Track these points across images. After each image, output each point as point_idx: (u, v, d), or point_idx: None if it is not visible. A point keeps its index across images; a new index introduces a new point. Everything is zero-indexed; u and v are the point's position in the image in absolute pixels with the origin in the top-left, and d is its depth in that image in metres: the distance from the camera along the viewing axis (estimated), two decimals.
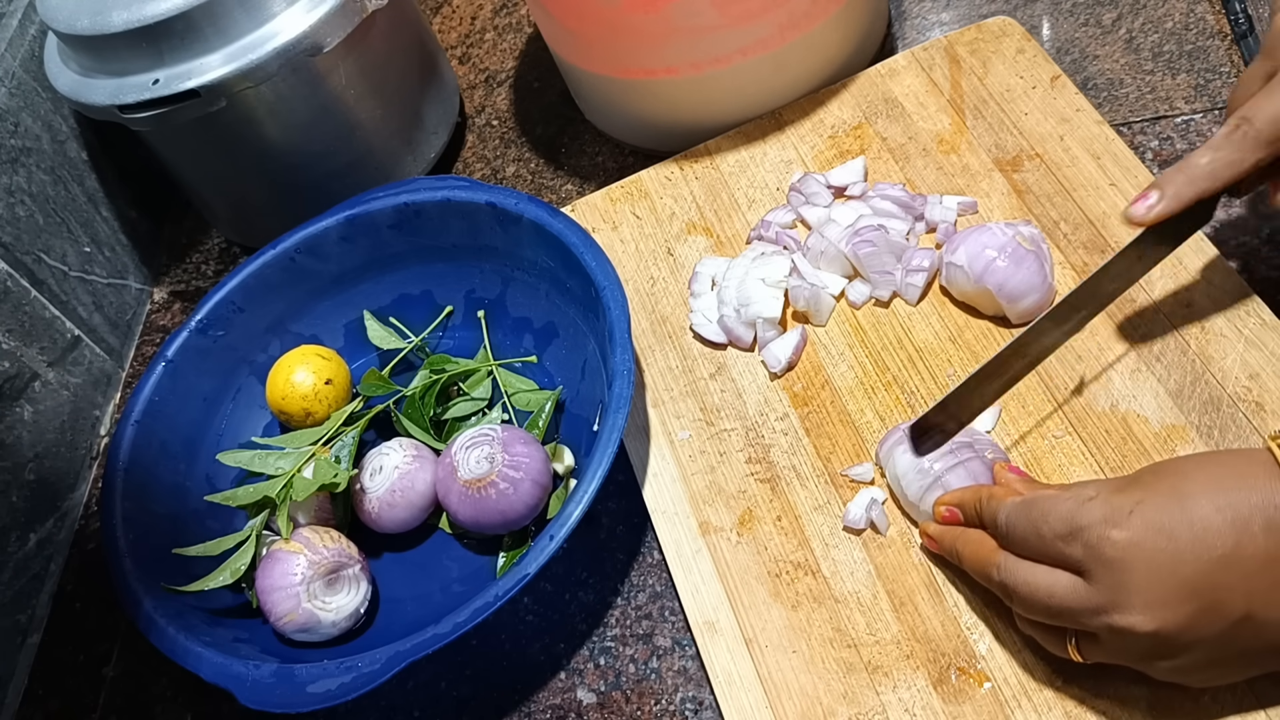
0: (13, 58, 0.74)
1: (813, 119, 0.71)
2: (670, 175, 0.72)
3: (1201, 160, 0.48)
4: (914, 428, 0.50)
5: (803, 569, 0.54)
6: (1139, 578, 0.41)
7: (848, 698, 0.49)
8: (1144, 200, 0.49)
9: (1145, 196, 0.49)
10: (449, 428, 0.64)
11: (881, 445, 0.55)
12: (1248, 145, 0.47)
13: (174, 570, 0.58)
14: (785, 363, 0.60)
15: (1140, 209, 0.49)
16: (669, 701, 0.53)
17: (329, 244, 0.68)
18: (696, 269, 0.66)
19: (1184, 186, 0.48)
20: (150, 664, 0.63)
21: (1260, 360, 0.53)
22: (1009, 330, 0.58)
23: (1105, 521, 0.42)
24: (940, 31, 0.76)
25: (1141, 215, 0.49)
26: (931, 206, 0.63)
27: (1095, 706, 0.46)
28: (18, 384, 0.69)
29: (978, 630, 0.50)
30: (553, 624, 0.58)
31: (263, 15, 0.65)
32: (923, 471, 0.52)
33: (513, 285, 0.67)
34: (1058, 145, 0.64)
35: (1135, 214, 0.49)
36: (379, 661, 0.50)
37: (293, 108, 0.71)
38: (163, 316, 0.83)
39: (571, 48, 0.72)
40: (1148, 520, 0.41)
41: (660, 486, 0.58)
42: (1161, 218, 0.49)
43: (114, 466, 0.61)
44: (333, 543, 0.57)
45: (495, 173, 0.81)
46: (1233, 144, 0.47)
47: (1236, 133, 0.47)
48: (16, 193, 0.72)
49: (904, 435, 0.51)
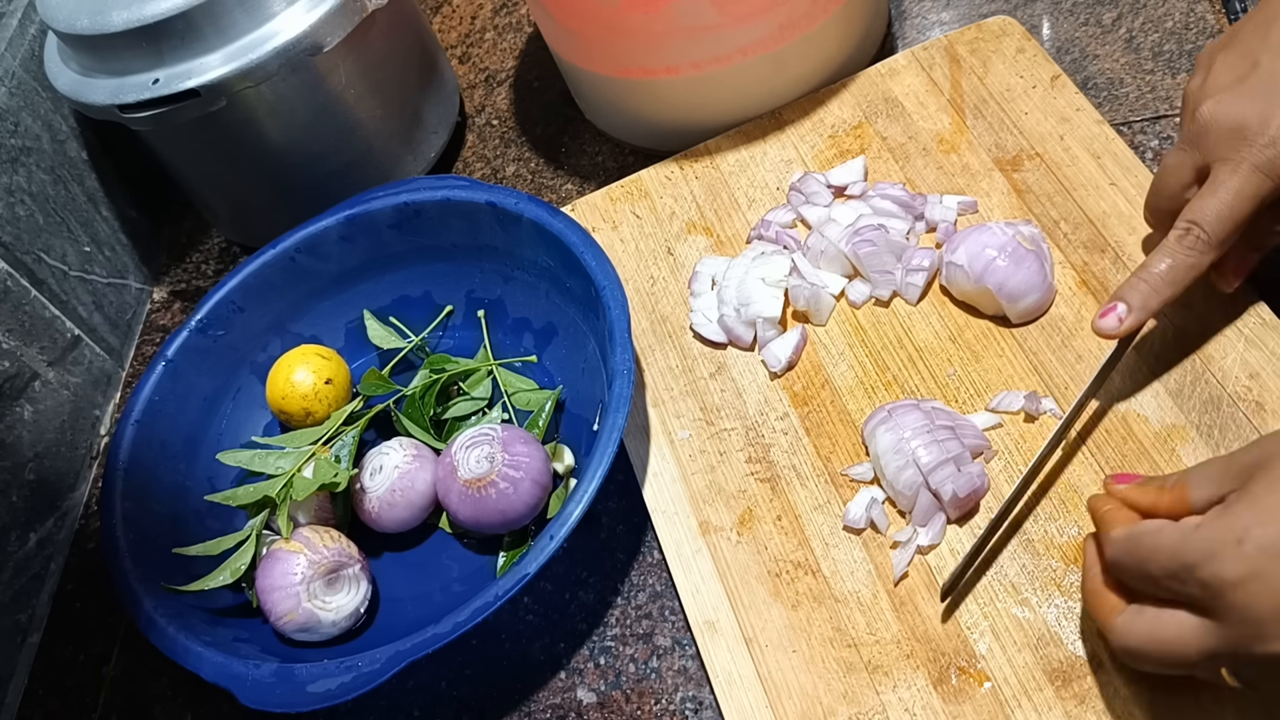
0: (13, 57, 0.74)
1: (813, 118, 0.71)
2: (670, 175, 0.72)
3: (1160, 269, 0.50)
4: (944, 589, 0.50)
5: (803, 568, 0.54)
6: (1267, 607, 0.37)
7: (848, 697, 0.49)
8: (1112, 313, 0.50)
9: (1113, 309, 0.50)
10: (449, 427, 0.64)
11: (866, 424, 0.55)
12: (1201, 249, 0.49)
13: (174, 570, 0.58)
14: (785, 362, 0.60)
15: (1110, 323, 0.50)
16: (669, 701, 0.53)
17: (329, 244, 0.68)
18: (696, 268, 0.66)
19: (1149, 297, 0.50)
20: (150, 664, 0.63)
21: (1260, 360, 0.53)
22: (1009, 330, 0.58)
23: (1215, 557, 0.38)
24: (940, 31, 0.76)
25: (1113, 329, 0.50)
26: (931, 206, 0.63)
27: (1095, 707, 0.46)
28: (18, 384, 0.69)
29: (978, 630, 0.50)
30: (553, 624, 0.58)
31: (263, 15, 0.65)
32: (900, 452, 0.52)
33: (513, 285, 0.67)
34: (1058, 145, 0.64)
35: (1106, 328, 0.51)
36: (379, 661, 0.50)
37: (293, 108, 0.71)
38: (163, 316, 0.83)
39: (571, 47, 0.72)
40: (1261, 546, 0.38)
41: (660, 486, 0.58)
42: (1131, 330, 0.51)
43: (114, 466, 0.61)
44: (333, 542, 0.57)
45: (495, 172, 0.81)
46: (1186, 249, 0.49)
47: (1188, 237, 0.49)
48: (16, 192, 0.72)
49: (889, 414, 0.53)
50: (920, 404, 0.55)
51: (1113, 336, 0.51)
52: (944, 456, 0.52)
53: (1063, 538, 0.51)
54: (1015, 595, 0.50)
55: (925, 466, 0.52)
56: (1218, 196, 0.48)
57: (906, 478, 0.52)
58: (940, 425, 0.53)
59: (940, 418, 0.54)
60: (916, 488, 0.52)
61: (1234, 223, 0.48)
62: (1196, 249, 0.49)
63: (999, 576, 0.51)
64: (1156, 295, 0.50)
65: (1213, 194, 0.48)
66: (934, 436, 0.52)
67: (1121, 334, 0.51)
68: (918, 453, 0.52)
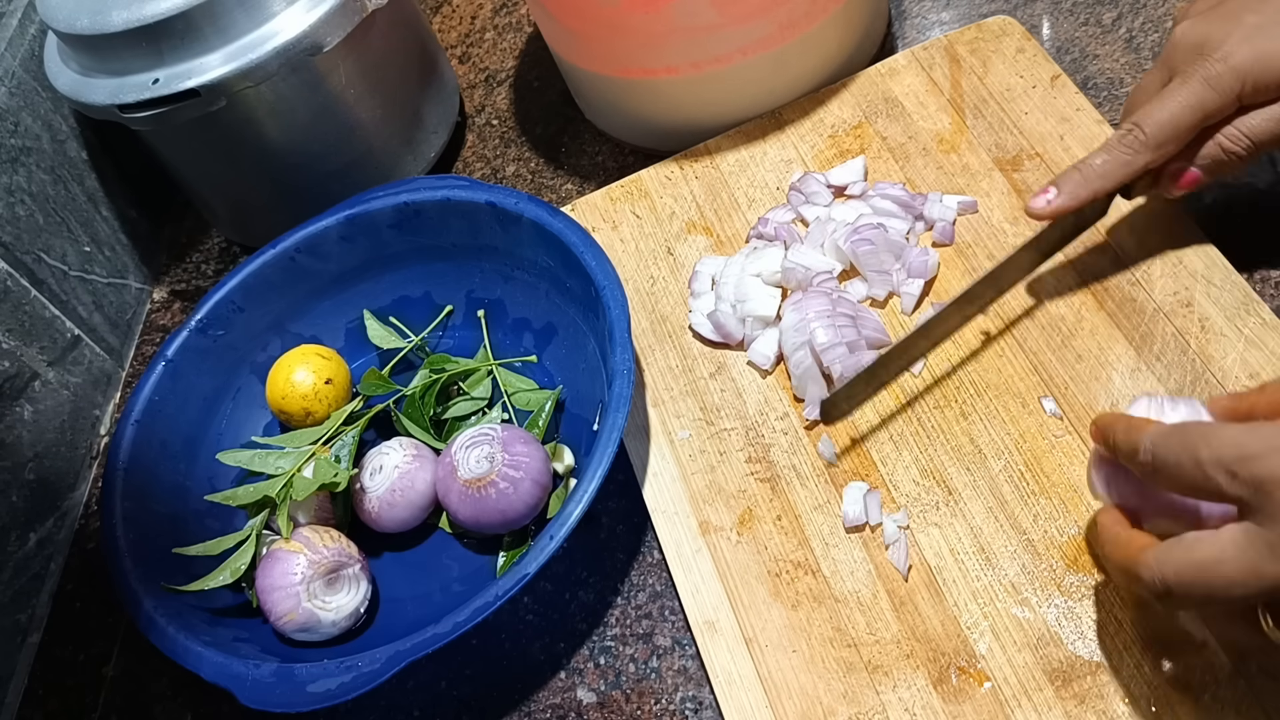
0: (13, 57, 0.74)
1: (813, 118, 0.71)
2: (670, 175, 0.72)
3: (1096, 161, 0.53)
4: (824, 403, 0.54)
5: (803, 568, 0.54)
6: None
7: (848, 697, 0.49)
8: (1043, 195, 0.53)
9: (1045, 191, 0.53)
10: (449, 427, 0.64)
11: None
12: (1138, 148, 0.51)
13: (174, 570, 0.58)
14: (774, 358, 0.60)
15: (1040, 203, 0.53)
16: (669, 701, 0.53)
17: (329, 243, 0.68)
18: (696, 268, 0.66)
19: (1079, 185, 0.53)
20: (150, 664, 0.63)
21: (1260, 360, 0.53)
22: (1009, 330, 0.58)
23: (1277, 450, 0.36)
24: (940, 31, 0.76)
25: (1040, 209, 0.53)
26: (931, 205, 0.63)
27: (1095, 706, 0.46)
28: (18, 384, 0.69)
29: (978, 630, 0.50)
30: (553, 624, 0.58)
31: (263, 15, 0.65)
32: (800, 330, 0.57)
33: (513, 285, 0.67)
34: (1058, 145, 0.64)
35: (1034, 207, 0.53)
36: (379, 661, 0.50)
37: (293, 107, 0.71)
38: (163, 316, 0.83)
39: (571, 47, 0.72)
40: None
41: (660, 486, 0.58)
42: (1059, 213, 0.53)
43: (114, 466, 0.61)
44: (333, 542, 0.57)
45: (495, 172, 0.81)
46: (1125, 147, 0.52)
47: (1129, 136, 0.52)
48: (16, 192, 0.72)
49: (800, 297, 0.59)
50: (831, 292, 0.59)
51: (1040, 217, 0.53)
52: (839, 340, 0.56)
53: (1063, 537, 0.51)
54: (1015, 595, 0.50)
55: (819, 345, 0.56)
56: (1163, 102, 0.50)
57: (798, 357, 0.57)
58: (841, 313, 0.57)
59: (844, 306, 0.58)
60: (806, 367, 0.57)
61: (1173, 128, 0.50)
62: (1134, 148, 0.51)
63: (999, 576, 0.51)
64: (1087, 185, 0.53)
65: (1159, 100, 0.51)
66: (833, 321, 0.57)
67: (1048, 215, 0.53)
68: (815, 333, 0.56)
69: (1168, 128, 0.50)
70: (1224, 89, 0.49)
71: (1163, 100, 0.50)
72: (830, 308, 0.58)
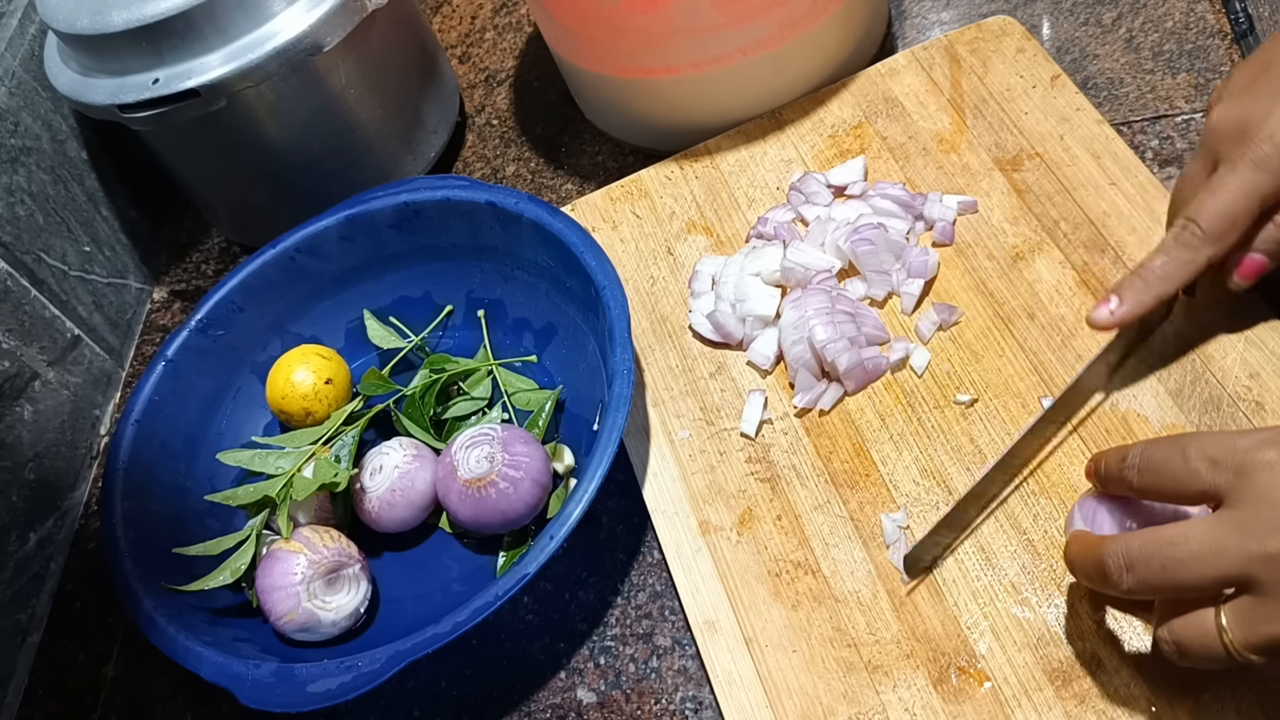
0: (13, 57, 0.74)
1: (813, 118, 0.71)
2: (670, 175, 0.72)
3: (1155, 264, 0.50)
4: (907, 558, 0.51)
5: (803, 568, 0.54)
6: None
7: (848, 697, 0.49)
8: (1105, 305, 0.51)
9: (1106, 301, 0.50)
10: (449, 427, 0.64)
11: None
12: (1197, 245, 0.49)
13: (174, 570, 0.58)
14: (773, 358, 0.60)
15: (1103, 314, 0.50)
16: (669, 701, 0.53)
17: (329, 243, 0.68)
18: (696, 268, 0.66)
19: (1142, 292, 0.50)
20: (150, 664, 0.63)
21: (1260, 360, 0.53)
22: (1009, 330, 0.58)
23: (1265, 444, 0.37)
24: (940, 31, 0.76)
25: (1105, 320, 0.50)
26: (931, 205, 0.63)
27: (1095, 706, 0.46)
28: (18, 384, 0.69)
29: (978, 630, 0.50)
30: (553, 624, 0.58)
31: (262, 15, 0.65)
32: (799, 327, 0.58)
33: (513, 285, 0.67)
34: (1058, 144, 0.64)
35: (1099, 319, 0.51)
36: (379, 661, 0.50)
37: (293, 107, 0.71)
38: (163, 316, 0.83)
39: (571, 47, 0.72)
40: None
41: (660, 486, 0.58)
42: (1122, 322, 0.50)
43: (114, 466, 0.61)
44: (333, 542, 0.57)
45: (495, 172, 0.81)
46: (1183, 246, 0.49)
47: (1185, 233, 0.49)
48: (16, 192, 0.72)
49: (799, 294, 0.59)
50: (830, 290, 0.59)
51: (1103, 328, 0.51)
52: (839, 336, 0.57)
53: (1063, 537, 0.51)
54: (1015, 595, 0.50)
55: (818, 342, 0.57)
56: (1215, 193, 0.48)
57: (796, 351, 0.58)
58: (840, 310, 0.58)
59: (843, 304, 0.58)
60: (804, 361, 0.58)
61: (1230, 219, 0.48)
62: (1192, 245, 0.49)
63: (999, 576, 0.51)
64: (1149, 290, 0.50)
65: (1210, 191, 0.48)
66: (833, 318, 0.57)
67: (1112, 325, 0.51)
68: (814, 330, 0.57)
69: (1224, 219, 0.48)
70: (1275, 169, 0.47)
71: (1213, 191, 0.48)
72: (829, 305, 0.58)
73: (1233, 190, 0.48)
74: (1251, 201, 0.48)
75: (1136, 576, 0.40)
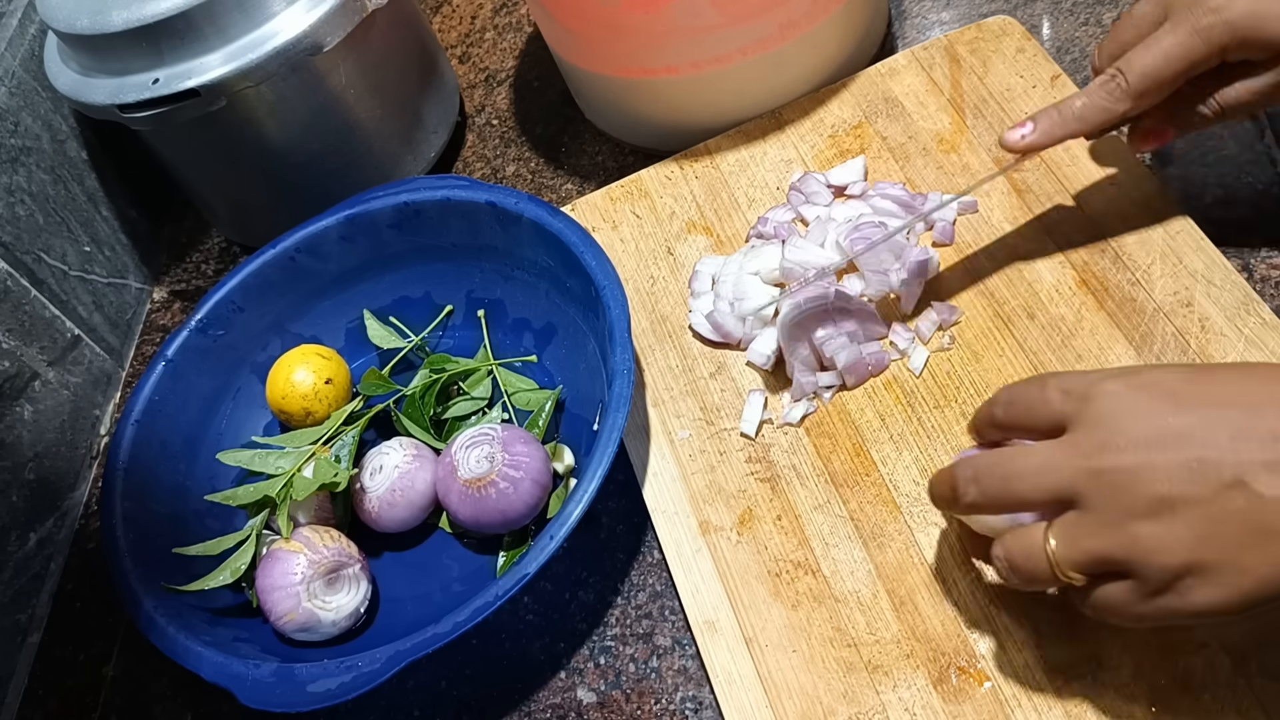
0: (13, 57, 0.74)
1: (813, 118, 0.71)
2: (670, 174, 0.72)
3: (1076, 105, 0.52)
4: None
5: (803, 568, 0.54)
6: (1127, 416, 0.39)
7: (848, 697, 0.49)
8: (1020, 129, 0.53)
9: (1021, 125, 0.53)
10: (449, 427, 0.64)
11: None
12: (1119, 96, 0.51)
13: (174, 570, 0.58)
14: (773, 358, 0.60)
15: (1014, 136, 0.53)
16: (669, 701, 0.53)
17: (329, 243, 0.68)
18: (696, 268, 0.66)
19: (1057, 126, 0.52)
20: (150, 664, 0.63)
21: (1260, 359, 0.53)
22: (1009, 330, 0.58)
23: (1112, 376, 0.40)
24: (940, 31, 0.76)
25: (1016, 143, 0.53)
26: (931, 204, 0.63)
27: (1095, 706, 0.46)
28: (18, 384, 0.69)
29: (978, 630, 0.50)
30: (553, 624, 0.58)
31: (262, 15, 0.65)
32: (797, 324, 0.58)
33: (513, 285, 0.67)
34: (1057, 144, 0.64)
35: (1010, 140, 0.53)
36: (379, 661, 0.50)
37: (293, 107, 0.71)
38: (163, 316, 0.83)
39: (571, 47, 0.72)
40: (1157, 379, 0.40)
41: (660, 486, 0.58)
42: (1031, 148, 0.53)
43: (114, 466, 0.61)
44: (333, 542, 0.57)
45: (495, 172, 0.81)
46: (1106, 94, 0.51)
47: (1111, 83, 0.51)
48: (16, 192, 0.72)
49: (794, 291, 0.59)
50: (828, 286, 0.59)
51: (1014, 150, 0.53)
52: (839, 333, 0.58)
53: None
54: (1015, 595, 0.50)
55: (818, 340, 0.58)
56: (1150, 50, 0.50)
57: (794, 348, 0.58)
58: (838, 306, 0.58)
59: (840, 300, 0.58)
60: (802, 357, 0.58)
61: (1157, 79, 0.50)
62: (1115, 96, 0.51)
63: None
64: (1063, 126, 0.52)
65: (1146, 48, 0.50)
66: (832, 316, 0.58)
67: (1021, 149, 0.53)
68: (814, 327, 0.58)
69: (1151, 79, 0.50)
70: (1213, 41, 0.48)
71: (1149, 48, 0.49)
72: (828, 301, 0.58)
73: (1167, 52, 0.49)
74: (1181, 65, 0.49)
75: (979, 488, 0.42)
